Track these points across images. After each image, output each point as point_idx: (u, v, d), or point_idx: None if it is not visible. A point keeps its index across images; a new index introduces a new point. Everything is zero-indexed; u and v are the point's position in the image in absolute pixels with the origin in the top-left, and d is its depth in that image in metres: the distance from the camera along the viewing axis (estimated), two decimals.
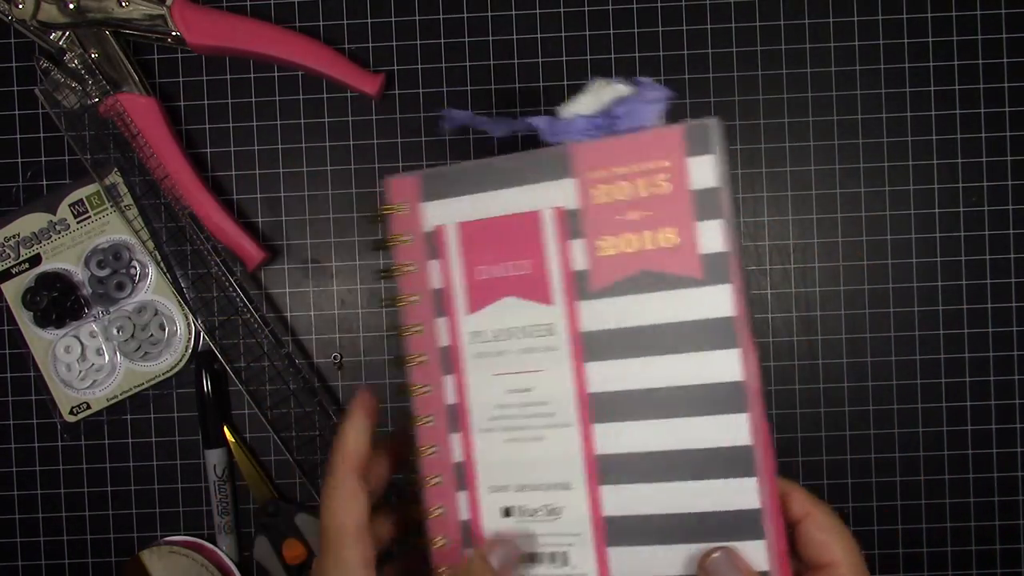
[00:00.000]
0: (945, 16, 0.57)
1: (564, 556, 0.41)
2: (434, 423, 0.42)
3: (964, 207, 0.57)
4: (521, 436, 0.41)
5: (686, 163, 0.38)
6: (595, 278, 0.40)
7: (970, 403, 0.57)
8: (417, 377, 0.42)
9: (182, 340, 0.57)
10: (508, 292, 0.41)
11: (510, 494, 0.41)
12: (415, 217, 0.42)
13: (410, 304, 0.42)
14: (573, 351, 0.40)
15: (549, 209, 0.40)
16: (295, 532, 0.57)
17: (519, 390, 0.41)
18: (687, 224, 0.38)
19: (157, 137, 0.55)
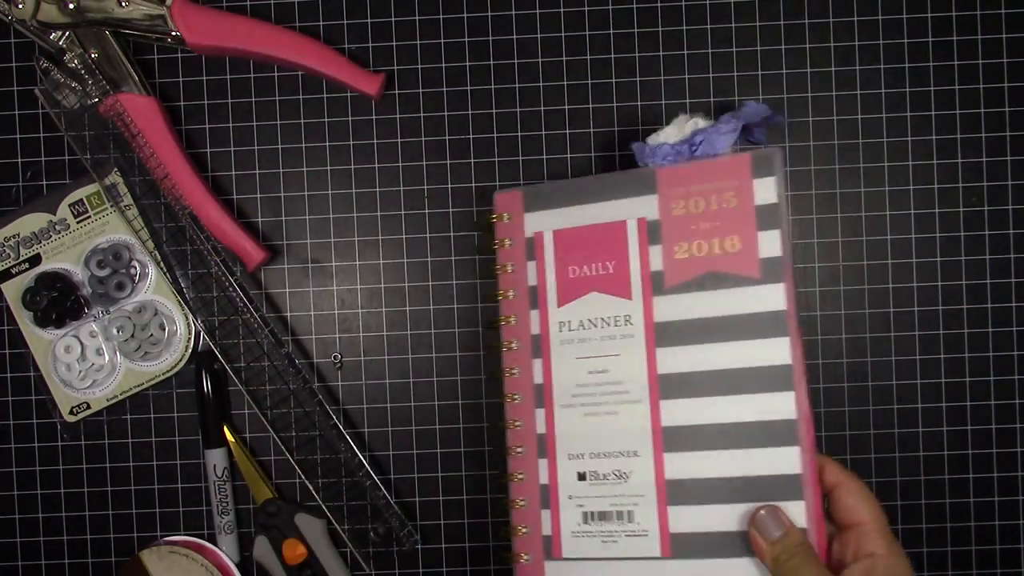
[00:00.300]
0: (945, 16, 0.57)
1: (630, 514, 0.48)
2: (521, 400, 0.50)
3: (964, 207, 0.57)
4: (598, 411, 0.49)
5: (752, 184, 0.47)
6: (669, 277, 0.48)
7: (970, 403, 0.57)
8: (508, 361, 0.51)
9: (182, 340, 0.57)
10: (593, 288, 0.50)
11: (585, 460, 0.49)
12: (518, 225, 0.51)
13: (507, 298, 0.51)
14: (647, 338, 0.49)
15: (634, 219, 0.49)
16: (295, 532, 0.57)
17: (598, 371, 0.49)
18: (750, 233, 0.47)
19: (157, 137, 0.55)
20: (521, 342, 0.51)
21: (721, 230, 0.47)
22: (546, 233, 0.50)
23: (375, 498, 0.57)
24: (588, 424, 0.49)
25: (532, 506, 0.50)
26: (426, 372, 0.57)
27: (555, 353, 0.50)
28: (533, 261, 0.51)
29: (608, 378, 0.49)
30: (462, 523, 0.58)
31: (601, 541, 0.49)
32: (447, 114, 0.57)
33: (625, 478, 0.48)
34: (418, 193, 0.58)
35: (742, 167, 0.47)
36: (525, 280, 0.51)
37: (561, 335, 0.50)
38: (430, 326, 0.57)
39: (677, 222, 0.48)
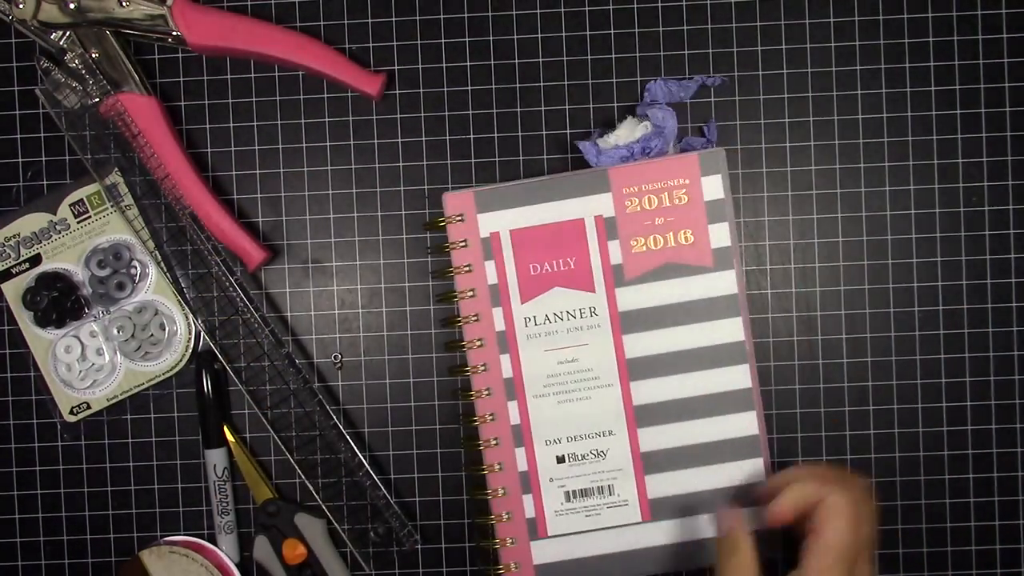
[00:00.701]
0: (945, 16, 0.57)
1: (610, 487, 0.53)
2: (492, 394, 0.53)
3: (964, 207, 0.57)
4: (571, 397, 0.53)
5: (700, 181, 0.52)
6: (628, 270, 0.53)
7: (970, 403, 0.57)
8: (475, 359, 0.53)
9: (182, 340, 0.57)
10: (557, 283, 0.53)
11: (562, 445, 0.53)
12: (471, 226, 0.53)
13: (468, 298, 0.53)
14: (613, 327, 0.53)
15: (591, 217, 0.53)
16: (295, 532, 0.57)
17: (567, 360, 0.53)
18: (701, 226, 0.52)
19: (157, 137, 0.55)
20: (487, 339, 0.53)
21: (675, 224, 0.52)
22: (503, 232, 0.53)
23: (375, 498, 0.57)
24: (562, 410, 0.53)
25: (513, 493, 0.54)
26: (426, 372, 0.57)
27: (523, 347, 0.53)
28: (491, 260, 0.53)
29: (578, 366, 0.53)
30: (462, 523, 0.58)
31: (585, 516, 0.53)
32: (447, 114, 0.57)
33: (603, 456, 0.53)
34: (418, 193, 0.58)
35: (691, 166, 0.52)
36: (485, 279, 0.53)
37: (527, 330, 0.53)
38: (430, 326, 0.57)
39: (632, 218, 0.52)
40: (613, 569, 0.54)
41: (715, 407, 0.53)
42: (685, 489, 0.53)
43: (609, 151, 0.53)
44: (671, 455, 0.53)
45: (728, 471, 0.53)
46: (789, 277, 0.57)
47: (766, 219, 0.57)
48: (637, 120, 0.54)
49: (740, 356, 0.53)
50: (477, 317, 0.53)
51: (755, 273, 0.57)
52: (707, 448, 0.53)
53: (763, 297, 0.57)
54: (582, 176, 0.53)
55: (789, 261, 0.57)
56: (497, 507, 0.54)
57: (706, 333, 0.52)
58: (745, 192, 0.57)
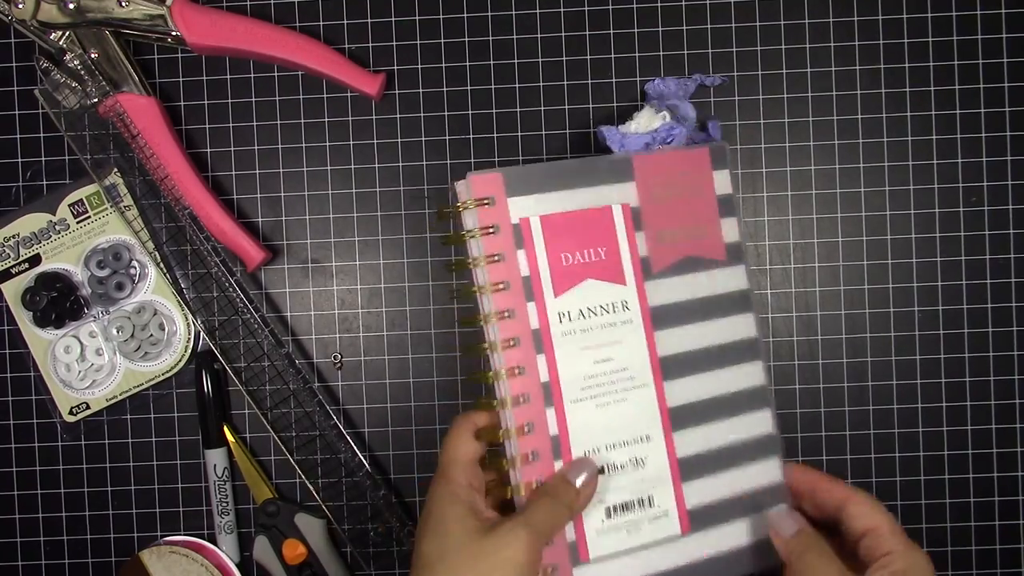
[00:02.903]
0: (945, 16, 0.57)
1: (651, 498, 0.48)
2: (531, 401, 0.46)
3: (964, 207, 0.57)
4: (607, 400, 0.48)
5: (712, 175, 0.50)
6: (655, 262, 0.49)
7: (970, 403, 0.57)
8: (512, 360, 0.46)
9: (182, 340, 0.57)
10: (588, 275, 0.48)
11: (602, 454, 0.48)
12: (502, 210, 0.47)
13: (500, 291, 0.46)
14: (645, 323, 0.49)
15: (618, 205, 0.49)
16: (295, 532, 0.57)
17: (603, 360, 0.48)
18: (714, 220, 0.50)
19: (157, 137, 0.55)
20: (522, 338, 0.46)
21: (692, 217, 0.50)
22: (533, 219, 0.47)
23: (375, 498, 0.57)
24: (600, 416, 0.48)
25: None
26: (426, 372, 0.57)
27: (559, 346, 0.47)
28: (522, 249, 0.47)
29: (614, 366, 0.48)
30: None
31: (626, 532, 0.48)
32: (447, 114, 0.57)
33: (642, 464, 0.48)
34: (418, 193, 0.58)
35: (702, 159, 0.50)
36: (518, 269, 0.47)
37: (562, 327, 0.47)
38: (430, 326, 0.57)
39: (656, 209, 0.49)
40: None
41: (738, 406, 0.50)
42: (720, 495, 0.49)
43: (632, 137, 0.51)
44: (704, 459, 0.49)
45: (750, 473, 0.50)
46: (789, 277, 0.57)
47: (766, 219, 0.57)
48: (654, 110, 0.53)
49: (754, 352, 0.50)
50: (510, 313, 0.46)
51: (755, 273, 0.57)
52: (732, 450, 0.49)
53: (763, 297, 0.57)
54: (604, 161, 0.49)
55: (789, 261, 0.57)
56: None
57: (725, 329, 0.50)
58: (745, 192, 0.57)
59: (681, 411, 0.49)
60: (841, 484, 0.48)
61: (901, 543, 0.45)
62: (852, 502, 0.47)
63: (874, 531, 0.45)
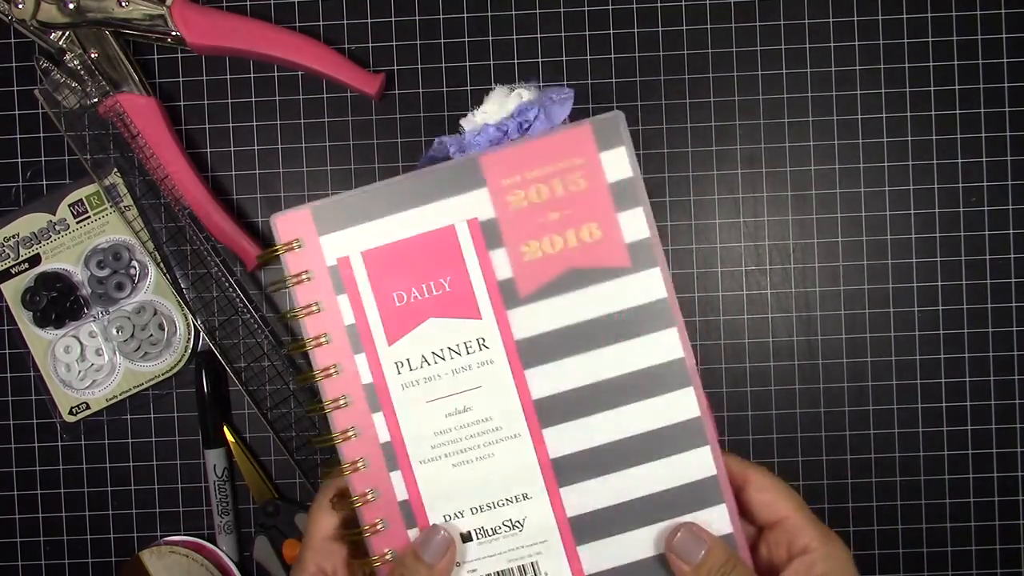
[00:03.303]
0: (945, 16, 0.57)
1: (534, 566, 0.41)
2: (369, 466, 0.40)
3: (964, 207, 0.57)
4: (468, 457, 0.41)
5: (599, 158, 0.40)
6: (522, 284, 0.40)
7: (970, 403, 0.57)
8: (341, 421, 0.40)
9: (182, 340, 0.57)
10: (430, 313, 0.40)
11: (467, 519, 0.41)
12: (314, 252, 0.40)
13: (322, 345, 0.40)
14: (511, 361, 0.40)
15: (463, 221, 0.40)
16: (295, 532, 0.57)
17: (458, 411, 0.41)
18: (609, 216, 0.40)
19: (157, 137, 0.55)
20: (353, 396, 0.40)
21: (574, 218, 0.40)
22: (353, 256, 0.40)
23: None
24: (460, 475, 0.41)
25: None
26: None
27: (399, 401, 0.40)
28: (344, 294, 0.40)
29: (472, 417, 0.41)
30: None
31: None
32: (447, 114, 0.57)
33: (520, 527, 0.41)
34: None
35: (584, 140, 0.40)
36: (340, 319, 0.40)
37: (401, 378, 0.40)
38: None
39: (518, 217, 0.40)
40: None
41: (657, 447, 0.40)
42: (632, 556, 0.40)
43: (476, 132, 0.43)
44: (608, 515, 0.40)
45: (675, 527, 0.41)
46: (789, 277, 0.57)
47: (766, 219, 0.57)
48: (508, 89, 0.44)
49: (681, 377, 0.40)
50: (337, 369, 0.40)
51: (755, 273, 0.57)
52: (654, 501, 0.40)
53: (763, 297, 0.57)
54: (446, 170, 0.40)
55: (789, 261, 0.57)
56: None
57: (634, 353, 0.40)
58: (745, 192, 0.57)
59: (569, 461, 0.40)
60: (734, 460, 0.40)
61: (818, 536, 0.38)
62: (755, 486, 0.40)
63: (784, 522, 0.39)
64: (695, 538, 0.39)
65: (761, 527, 0.40)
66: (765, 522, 0.40)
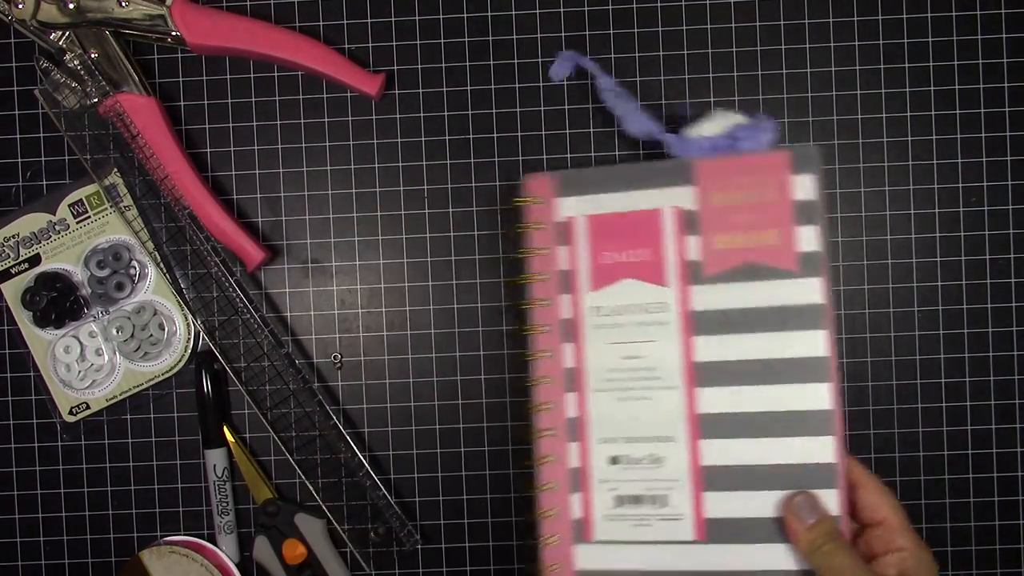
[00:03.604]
0: (945, 16, 0.57)
1: (664, 499, 0.49)
2: (552, 383, 0.50)
3: (964, 207, 0.57)
4: (631, 396, 0.50)
5: (791, 179, 0.49)
6: (707, 267, 0.49)
7: (970, 403, 0.57)
8: (540, 344, 0.51)
9: (182, 340, 0.57)
10: (628, 275, 0.50)
11: (618, 445, 0.50)
12: (550, 209, 0.51)
13: (540, 281, 0.51)
14: (683, 326, 0.49)
15: (670, 208, 0.50)
16: (295, 532, 0.57)
17: (631, 357, 0.50)
18: (788, 227, 0.48)
19: (157, 137, 0.55)
20: (554, 325, 0.51)
21: (760, 223, 0.49)
22: (579, 218, 0.51)
23: (375, 498, 0.57)
24: (621, 408, 0.50)
25: (561, 489, 0.50)
26: (426, 372, 0.57)
27: (588, 337, 0.50)
28: (565, 246, 0.51)
29: (642, 363, 0.50)
30: (462, 523, 0.58)
31: (634, 524, 0.49)
32: (447, 114, 0.57)
33: (660, 463, 0.49)
34: (418, 193, 0.58)
35: (783, 163, 0.49)
36: (556, 264, 0.51)
37: (595, 320, 0.50)
38: (430, 326, 0.57)
39: (716, 212, 0.49)
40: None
41: (789, 427, 0.48)
42: (748, 512, 0.48)
43: (695, 141, 0.51)
44: (735, 473, 0.48)
45: None
46: None
47: None
48: (727, 113, 0.52)
49: (822, 373, 0.47)
50: (548, 301, 0.51)
51: None
52: (776, 471, 0.48)
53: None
54: (664, 166, 0.50)
55: None
56: (545, 501, 0.50)
57: (785, 343, 0.48)
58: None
59: (713, 420, 0.49)
60: (857, 465, 0.47)
61: (911, 541, 0.45)
62: (866, 489, 0.46)
63: (884, 524, 0.45)
64: (812, 505, 0.46)
65: (864, 525, 0.46)
66: (868, 521, 0.46)
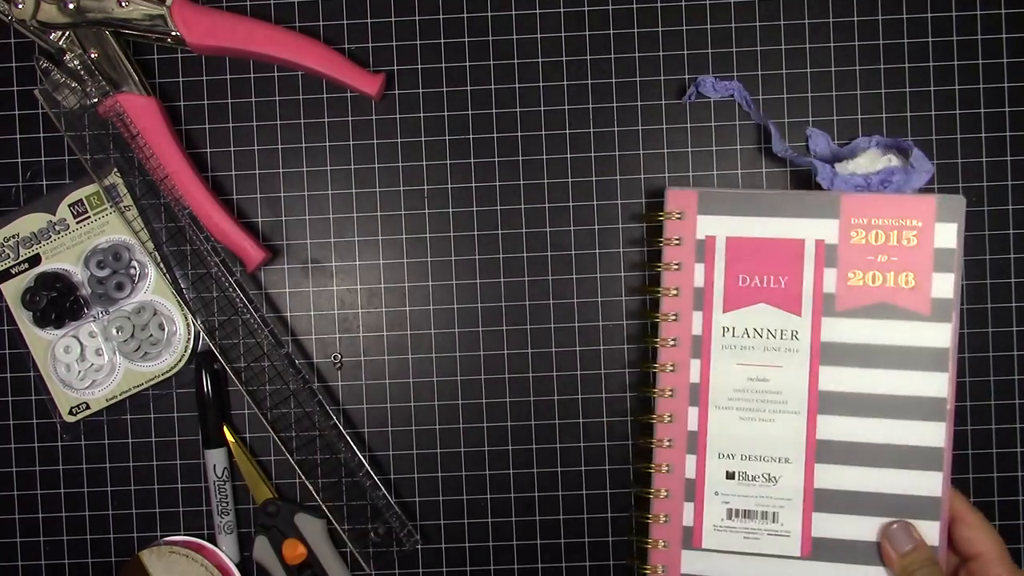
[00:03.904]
0: (945, 16, 0.57)
1: (775, 515, 0.52)
2: (675, 396, 0.52)
3: None
4: (754, 416, 0.52)
5: (934, 227, 0.50)
6: (841, 301, 0.51)
7: (970, 403, 0.57)
8: (666, 357, 0.53)
9: (182, 340, 0.57)
10: (763, 299, 0.52)
11: (735, 461, 0.52)
12: (690, 225, 0.52)
13: (671, 296, 0.53)
14: (812, 355, 0.51)
15: (812, 239, 0.51)
16: (295, 532, 0.57)
17: (758, 379, 0.52)
18: (926, 273, 0.51)
19: (157, 137, 0.55)
20: (681, 340, 0.52)
21: (898, 265, 0.51)
22: (719, 238, 0.52)
23: (375, 498, 0.57)
24: (743, 427, 0.52)
25: (675, 497, 0.52)
26: (426, 372, 0.57)
27: (715, 356, 0.52)
28: (702, 264, 0.52)
29: (768, 387, 0.52)
30: (462, 523, 0.58)
31: (743, 537, 0.52)
32: (447, 114, 0.57)
33: (774, 481, 0.52)
34: (418, 193, 0.58)
35: (927, 209, 0.50)
36: (691, 281, 0.52)
37: (724, 339, 0.52)
38: (430, 326, 0.57)
39: (854, 250, 0.51)
40: None
41: (901, 460, 0.51)
42: (852, 535, 0.51)
43: (846, 176, 0.52)
44: (846, 497, 0.51)
45: None
46: None
47: None
48: (881, 151, 0.54)
49: (939, 413, 0.50)
50: (676, 316, 0.52)
51: None
52: (883, 499, 0.51)
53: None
54: (812, 197, 0.52)
55: None
56: (657, 508, 0.53)
57: (908, 382, 0.51)
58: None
59: (831, 446, 0.51)
60: (959, 499, 0.50)
61: (1008, 570, 0.47)
62: (965, 523, 0.49)
63: (982, 556, 0.47)
64: (908, 533, 0.49)
65: (964, 559, 0.49)
66: (967, 555, 0.48)
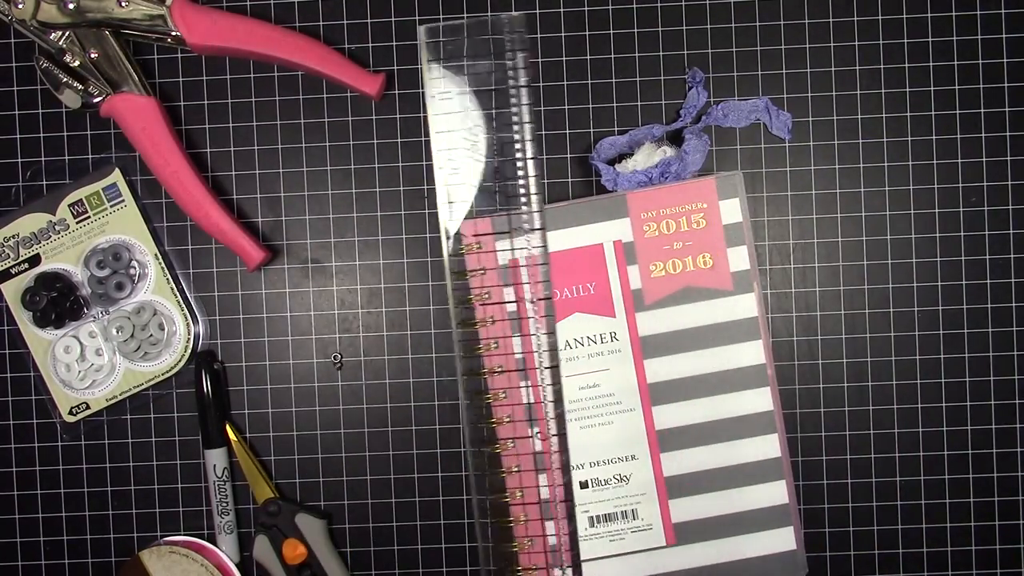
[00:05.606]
0: (945, 16, 0.57)
1: (634, 512, 0.53)
2: (513, 421, 0.53)
3: (964, 207, 0.57)
4: (593, 423, 0.53)
5: (719, 205, 0.53)
6: (649, 294, 0.53)
7: (970, 403, 0.57)
8: (496, 384, 0.53)
9: (182, 340, 0.57)
10: (577, 309, 0.53)
11: (585, 470, 0.54)
12: (490, 253, 0.53)
13: (487, 325, 0.53)
14: (634, 352, 0.53)
15: (611, 241, 0.53)
16: (295, 532, 0.57)
17: (589, 386, 0.53)
18: (720, 250, 0.53)
19: (157, 137, 0.55)
20: (507, 365, 0.53)
21: (694, 248, 0.53)
22: (521, 260, 0.53)
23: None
24: (584, 436, 0.53)
25: (534, 519, 0.53)
26: (426, 372, 0.57)
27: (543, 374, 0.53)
28: (510, 287, 0.53)
29: (600, 391, 0.53)
30: (462, 523, 0.58)
31: (609, 540, 0.53)
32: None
33: (626, 480, 0.53)
34: (418, 193, 0.58)
35: (708, 190, 0.53)
36: (503, 307, 0.53)
37: None
38: (430, 326, 0.57)
39: (650, 243, 0.53)
40: None
41: (737, 430, 0.53)
42: (709, 512, 0.53)
43: (627, 175, 0.53)
44: (694, 479, 0.53)
45: (751, 494, 0.54)
46: (789, 277, 0.57)
47: (765, 219, 0.57)
48: (655, 145, 0.55)
49: (761, 379, 0.53)
50: (496, 344, 0.53)
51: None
52: (730, 471, 0.53)
53: (763, 297, 0.57)
54: (601, 201, 0.53)
55: (789, 261, 0.57)
56: (520, 532, 0.54)
57: (727, 357, 0.53)
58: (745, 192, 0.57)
59: (670, 434, 0.53)
60: None
61: None
62: None
63: None
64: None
65: None
66: None
